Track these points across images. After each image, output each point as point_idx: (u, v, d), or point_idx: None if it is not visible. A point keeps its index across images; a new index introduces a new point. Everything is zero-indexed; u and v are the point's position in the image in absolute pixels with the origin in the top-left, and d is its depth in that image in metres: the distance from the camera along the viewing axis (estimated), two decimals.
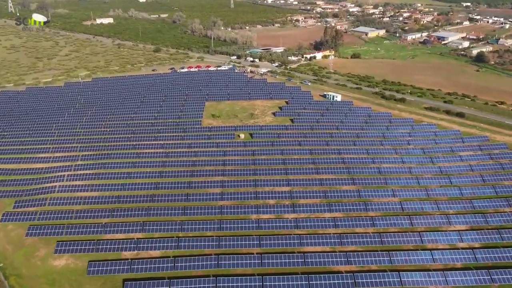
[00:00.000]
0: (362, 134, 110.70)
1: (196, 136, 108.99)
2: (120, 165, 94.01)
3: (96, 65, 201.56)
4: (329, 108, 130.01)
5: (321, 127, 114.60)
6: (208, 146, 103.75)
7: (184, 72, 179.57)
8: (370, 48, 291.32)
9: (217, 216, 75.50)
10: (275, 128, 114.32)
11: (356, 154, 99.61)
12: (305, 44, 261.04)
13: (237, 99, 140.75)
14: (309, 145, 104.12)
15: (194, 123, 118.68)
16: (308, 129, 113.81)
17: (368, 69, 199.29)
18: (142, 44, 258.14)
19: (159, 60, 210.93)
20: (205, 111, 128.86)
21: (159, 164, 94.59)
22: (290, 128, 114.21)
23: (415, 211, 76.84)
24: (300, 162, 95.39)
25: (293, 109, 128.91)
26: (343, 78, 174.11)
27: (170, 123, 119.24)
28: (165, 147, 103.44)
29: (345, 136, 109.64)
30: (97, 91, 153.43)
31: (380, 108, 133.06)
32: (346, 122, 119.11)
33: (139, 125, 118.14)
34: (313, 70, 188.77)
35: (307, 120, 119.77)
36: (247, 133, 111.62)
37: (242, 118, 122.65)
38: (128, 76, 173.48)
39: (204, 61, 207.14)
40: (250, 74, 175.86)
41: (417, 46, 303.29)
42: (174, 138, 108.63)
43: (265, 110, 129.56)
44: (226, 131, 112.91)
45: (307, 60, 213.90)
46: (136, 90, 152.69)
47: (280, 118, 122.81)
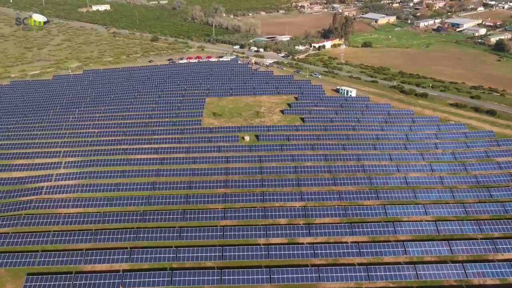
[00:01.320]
0: (382, 135, 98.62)
1: (196, 139, 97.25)
2: (107, 175, 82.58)
3: (88, 55, 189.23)
4: (344, 104, 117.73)
5: (336, 128, 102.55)
6: (209, 150, 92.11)
7: (183, 63, 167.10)
8: (381, 36, 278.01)
9: (219, 240, 64.22)
10: (284, 128, 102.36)
11: (378, 160, 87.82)
12: (312, 32, 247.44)
13: (240, 94, 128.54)
14: (323, 149, 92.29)
15: (193, 123, 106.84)
16: (321, 130, 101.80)
17: (381, 59, 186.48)
18: (139, 32, 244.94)
19: (157, 50, 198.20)
20: (205, 109, 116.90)
21: (152, 173, 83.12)
22: (301, 129, 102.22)
23: (453, 234, 65.28)
24: (314, 170, 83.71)
25: (304, 106, 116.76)
26: (356, 70, 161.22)
27: (167, 122, 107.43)
28: (160, 152, 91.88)
29: (364, 138, 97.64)
30: (87, 85, 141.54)
31: (400, 104, 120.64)
32: (364, 121, 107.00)
33: (131, 125, 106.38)
34: (322, 61, 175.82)
35: (319, 119, 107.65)
36: (253, 134, 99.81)
37: (247, 117, 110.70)
38: (122, 68, 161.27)
39: (204, 51, 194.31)
40: (255, 65, 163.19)
41: (431, 34, 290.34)
42: (171, 141, 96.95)
43: (272, 107, 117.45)
44: (229, 132, 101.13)
45: (315, 50, 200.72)
46: (129, 84, 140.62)
47: (289, 117, 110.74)
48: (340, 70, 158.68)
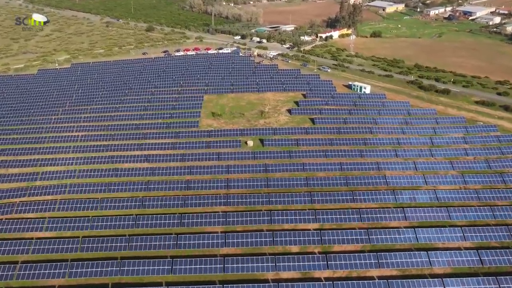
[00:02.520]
0: (404, 140, 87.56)
1: (192, 144, 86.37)
2: (90, 189, 71.82)
3: (78, 47, 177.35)
4: (358, 103, 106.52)
5: (351, 130, 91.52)
6: (207, 158, 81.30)
7: (180, 56, 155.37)
8: (389, 25, 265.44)
9: (219, 274, 53.80)
10: (292, 131, 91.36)
11: (401, 169, 76.98)
12: (317, 21, 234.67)
13: (243, 91, 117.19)
14: (338, 156, 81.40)
15: (190, 125, 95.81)
16: (334, 133, 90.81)
17: (393, 50, 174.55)
18: (134, 22, 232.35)
19: (152, 41, 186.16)
20: (203, 108, 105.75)
21: (141, 187, 72.36)
22: (312, 132, 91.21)
23: (500, 266, 54.74)
24: (328, 182, 72.95)
25: (313, 105, 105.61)
26: (368, 63, 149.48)
27: (160, 124, 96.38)
28: (151, 160, 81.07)
29: (383, 142, 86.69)
30: (74, 81, 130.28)
31: (420, 102, 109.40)
32: (381, 122, 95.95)
33: (120, 127, 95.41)
34: (330, 53, 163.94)
35: (331, 120, 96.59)
36: (257, 138, 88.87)
37: (250, 117, 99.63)
38: (113, 61, 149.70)
39: (203, 42, 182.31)
40: (258, 58, 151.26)
41: (442, 23, 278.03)
42: (164, 146, 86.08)
43: (278, 106, 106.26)
44: (230, 135, 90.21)
45: (322, 40, 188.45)
46: (120, 80, 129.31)
47: (297, 117, 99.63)
48: (351, 63, 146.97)
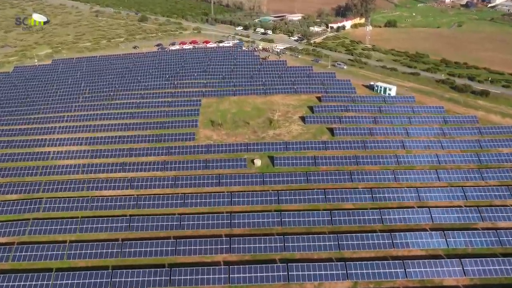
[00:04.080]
0: (445, 158, 72.58)
1: (187, 164, 71.53)
2: (56, 227, 57.29)
3: (63, 40, 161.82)
4: (383, 108, 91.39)
5: (379, 144, 76.55)
6: (206, 183, 66.59)
7: (175, 50, 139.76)
8: (403, 14, 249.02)
9: None
10: (308, 146, 76.43)
11: (447, 199, 62.28)
12: (326, 10, 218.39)
13: (247, 93, 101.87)
14: (367, 179, 66.64)
15: (185, 137, 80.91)
16: (359, 148, 75.90)
17: (412, 42, 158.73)
18: (126, 11, 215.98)
19: (144, 32, 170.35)
20: (201, 115, 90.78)
21: (122, 225, 57.80)
22: (332, 146, 76.27)
23: None
24: (358, 219, 58.34)
25: (331, 111, 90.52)
26: (387, 57, 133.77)
27: (148, 137, 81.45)
28: (136, 186, 66.41)
29: (420, 161, 71.83)
30: (53, 80, 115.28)
31: (455, 107, 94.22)
32: (414, 133, 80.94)
33: (102, 141, 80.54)
34: (344, 46, 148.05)
35: (354, 130, 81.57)
36: (265, 156, 74.08)
37: (256, 127, 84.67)
38: (99, 57, 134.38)
39: (201, 34, 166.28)
40: (263, 53, 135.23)
41: (459, 10, 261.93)
42: (153, 167, 71.36)
43: (289, 112, 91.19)
44: (234, 151, 75.45)
45: (333, 31, 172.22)
46: (105, 79, 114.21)
47: (312, 127, 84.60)
48: (369, 58, 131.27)
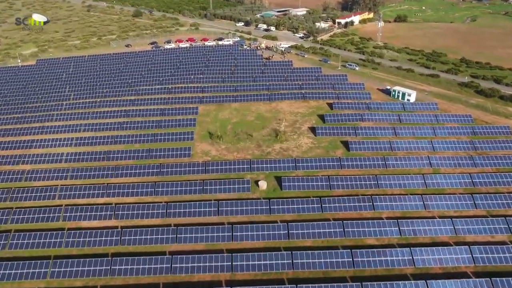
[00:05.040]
0: (480, 178, 62.94)
1: (181, 187, 61.98)
2: (22, 272, 48.04)
3: (51, 37, 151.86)
4: (403, 117, 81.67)
5: (402, 162, 66.93)
6: (202, 211, 57.18)
7: (170, 49, 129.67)
8: (413, 8, 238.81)
9: None
10: (320, 164, 66.81)
11: (489, 232, 52.78)
12: (331, 3, 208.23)
13: (249, 99, 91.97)
14: (391, 207, 57.17)
15: (179, 153, 71.28)
16: (379, 166, 66.35)
17: (427, 39, 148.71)
18: (119, 5, 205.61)
19: (138, 29, 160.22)
20: (198, 125, 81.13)
21: (102, 268, 48.40)
22: (347, 164, 66.64)
23: None
24: (385, 259, 48.95)
25: (344, 120, 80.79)
26: (402, 57, 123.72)
27: (137, 153, 71.74)
28: (121, 215, 57.01)
29: (451, 183, 62.26)
30: (35, 83, 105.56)
31: (483, 114, 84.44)
32: (441, 148, 71.33)
33: (82, 156, 70.97)
34: (354, 43, 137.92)
35: (372, 144, 71.92)
36: (272, 176, 64.61)
37: (261, 140, 75.02)
38: (88, 56, 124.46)
39: (199, 31, 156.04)
40: (267, 52, 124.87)
41: (471, 3, 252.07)
42: (141, 190, 61.85)
43: (297, 122, 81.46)
44: (235, 170, 66.00)
45: (341, 27, 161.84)
46: (93, 81, 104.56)
47: (324, 140, 74.91)
48: (381, 57, 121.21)
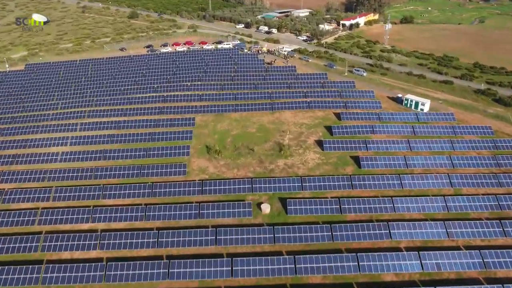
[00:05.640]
0: (507, 201, 56.84)
1: (176, 211, 55.89)
2: None
3: (42, 40, 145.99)
4: (417, 129, 75.56)
5: (419, 181, 60.80)
6: (198, 240, 51.10)
7: (167, 53, 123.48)
8: (418, 8, 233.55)
9: None
10: (329, 184, 60.71)
11: None
12: (335, 4, 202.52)
13: (250, 108, 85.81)
14: (410, 234, 51.14)
15: (174, 170, 65.13)
16: (394, 187, 60.26)
17: (436, 41, 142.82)
18: (115, 6, 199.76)
19: (134, 31, 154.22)
20: (195, 138, 75.01)
21: None
22: (359, 184, 60.55)
23: None
24: None
25: (353, 132, 74.69)
26: (411, 61, 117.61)
27: (128, 170, 65.56)
28: (107, 245, 50.90)
29: (475, 206, 56.18)
30: (21, 91, 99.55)
31: (504, 125, 78.35)
32: (461, 164, 65.23)
33: (67, 174, 64.88)
34: (360, 47, 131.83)
35: (386, 160, 65.80)
36: (276, 198, 58.57)
37: (263, 155, 68.91)
38: (80, 61, 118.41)
39: (197, 33, 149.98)
40: (269, 57, 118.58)
41: (479, 4, 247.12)
42: (130, 214, 55.74)
43: (302, 135, 75.32)
44: (234, 191, 59.94)
45: (345, 29, 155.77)
46: (83, 89, 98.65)
47: (332, 155, 68.79)
48: (390, 61, 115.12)
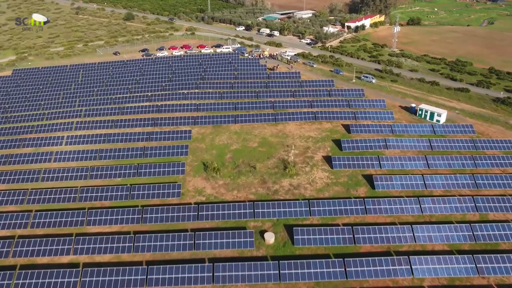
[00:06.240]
0: None
1: (168, 241, 49.74)
2: None
3: (32, 43, 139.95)
4: (435, 143, 69.41)
5: (441, 206, 54.65)
6: (194, 278, 44.94)
7: (163, 57, 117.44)
8: (424, 9, 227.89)
9: None
10: (340, 209, 54.46)
11: None
12: (338, 5, 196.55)
13: (251, 119, 79.46)
14: (434, 272, 44.97)
15: (167, 192, 58.94)
16: (413, 211, 54.06)
17: (446, 45, 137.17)
18: (111, 8, 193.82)
19: (129, 34, 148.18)
20: (191, 154, 68.82)
21: None
22: (374, 209, 54.31)
23: None
24: None
25: (365, 147, 68.52)
26: (422, 66, 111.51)
27: (116, 191, 59.38)
28: (89, 283, 44.70)
29: (506, 235, 50.09)
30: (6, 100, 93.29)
31: None
32: (485, 184, 59.10)
33: (48, 196, 58.75)
34: (367, 51, 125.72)
35: (402, 180, 59.54)
36: (281, 224, 52.39)
37: (266, 174, 62.71)
38: (71, 66, 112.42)
39: (195, 36, 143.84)
40: (271, 62, 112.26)
41: (486, 4, 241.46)
42: (117, 245, 49.60)
43: (308, 150, 69.10)
44: (234, 217, 53.78)
45: (351, 32, 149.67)
46: (72, 98, 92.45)
47: (343, 173, 62.60)
48: (400, 66, 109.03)
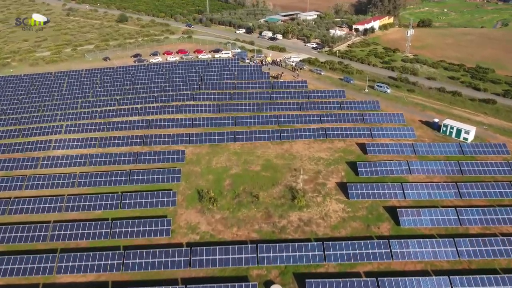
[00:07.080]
0: None
1: None
2: None
3: (17, 47, 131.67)
4: (464, 166, 60.80)
5: (479, 249, 46.09)
6: None
7: (156, 63, 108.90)
8: (434, 10, 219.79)
9: None
10: (360, 253, 45.86)
11: None
12: (344, 6, 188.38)
13: (253, 137, 70.51)
14: None
15: (154, 229, 50.23)
16: (447, 256, 45.45)
17: (462, 49, 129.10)
18: (104, 9, 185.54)
19: (121, 37, 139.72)
20: (184, 180, 60.13)
21: None
22: (401, 253, 45.69)
23: None
24: None
25: (385, 172, 59.85)
26: (440, 73, 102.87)
27: (94, 228, 50.77)
28: None
29: None
30: None
31: None
32: None
33: (12, 234, 50.14)
34: (378, 56, 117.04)
35: (431, 214, 50.91)
36: (290, 273, 43.80)
37: (271, 205, 54.03)
38: (56, 73, 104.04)
39: (192, 40, 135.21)
40: (274, 69, 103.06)
41: (498, 5, 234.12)
42: None
43: (319, 174, 60.41)
44: (234, 263, 45.13)
45: (359, 35, 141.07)
46: (53, 110, 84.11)
47: (361, 205, 53.94)
48: (415, 74, 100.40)
